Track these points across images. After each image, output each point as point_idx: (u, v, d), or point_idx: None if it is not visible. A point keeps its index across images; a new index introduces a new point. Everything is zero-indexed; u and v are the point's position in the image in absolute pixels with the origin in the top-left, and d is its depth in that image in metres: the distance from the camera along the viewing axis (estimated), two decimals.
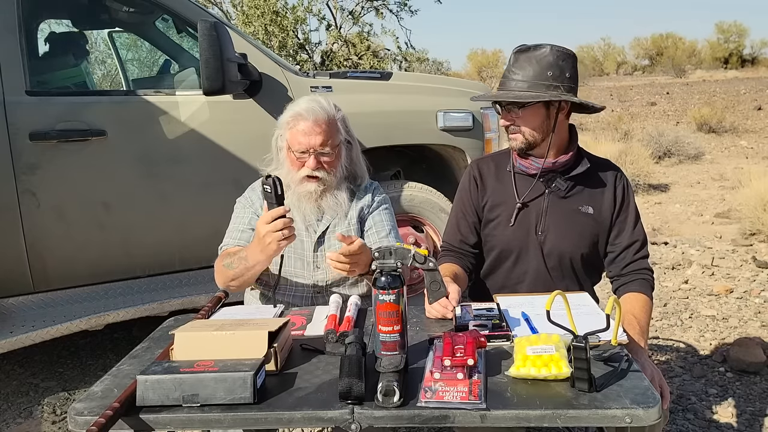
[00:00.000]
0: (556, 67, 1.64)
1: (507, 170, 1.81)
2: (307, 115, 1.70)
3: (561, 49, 1.67)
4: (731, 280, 3.90)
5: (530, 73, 1.65)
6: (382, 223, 1.86)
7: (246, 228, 1.81)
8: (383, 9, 12.51)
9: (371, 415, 1.07)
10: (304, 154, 1.72)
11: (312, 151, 1.71)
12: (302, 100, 1.78)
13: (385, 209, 1.89)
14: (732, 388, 2.56)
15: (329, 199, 1.78)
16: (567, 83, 1.66)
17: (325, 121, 1.71)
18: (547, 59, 1.64)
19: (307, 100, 1.77)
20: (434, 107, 3.14)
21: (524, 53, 1.68)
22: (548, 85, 1.63)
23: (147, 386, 1.11)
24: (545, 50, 1.65)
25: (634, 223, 1.76)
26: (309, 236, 1.80)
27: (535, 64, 1.65)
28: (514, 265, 1.80)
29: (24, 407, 2.63)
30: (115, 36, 4.08)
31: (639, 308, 1.63)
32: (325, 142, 1.71)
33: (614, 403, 1.06)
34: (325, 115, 1.72)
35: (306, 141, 1.70)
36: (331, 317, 1.48)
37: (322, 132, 1.70)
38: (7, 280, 2.49)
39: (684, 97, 17.42)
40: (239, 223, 1.84)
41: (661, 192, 6.94)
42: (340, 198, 1.80)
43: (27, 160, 2.45)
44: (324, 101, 1.76)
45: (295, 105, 1.76)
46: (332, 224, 1.81)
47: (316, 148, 1.71)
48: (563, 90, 1.65)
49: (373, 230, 1.85)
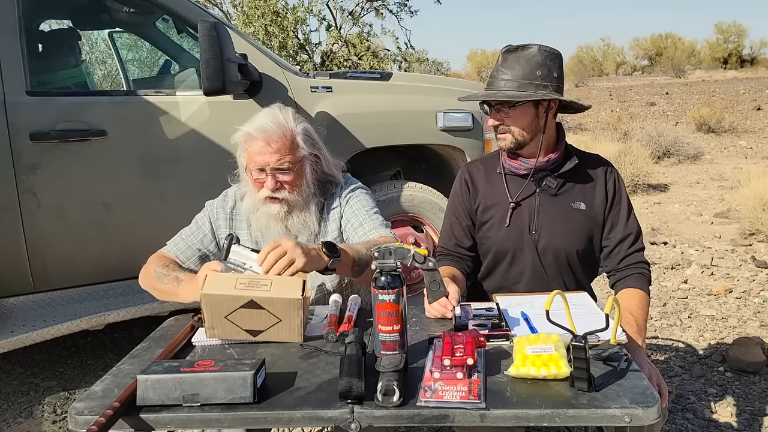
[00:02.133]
0: (545, 67, 1.65)
1: (497, 172, 1.82)
2: (257, 134, 1.62)
3: (548, 48, 1.68)
4: (730, 280, 3.90)
5: (519, 72, 1.66)
6: (354, 214, 1.75)
7: (194, 246, 1.77)
8: (383, 9, 12.53)
9: (371, 414, 1.07)
10: (261, 173, 1.64)
11: (268, 170, 1.63)
12: (258, 115, 1.69)
13: (356, 197, 1.78)
14: (731, 387, 2.57)
15: (295, 220, 1.70)
16: (555, 83, 1.67)
17: (279, 137, 1.62)
18: (535, 59, 1.65)
19: (262, 115, 1.67)
20: (434, 107, 3.15)
21: (513, 53, 1.69)
22: (537, 84, 1.65)
23: (147, 386, 1.11)
24: (533, 50, 1.66)
25: (627, 215, 1.77)
26: None
27: (524, 64, 1.66)
28: (510, 266, 1.80)
29: (24, 407, 2.63)
30: (115, 36, 4.09)
31: (636, 305, 1.64)
32: (280, 159, 1.62)
33: (613, 403, 1.06)
34: (279, 132, 1.63)
35: (261, 160, 1.62)
36: (331, 317, 1.48)
37: (276, 150, 1.61)
38: (8, 279, 2.49)
39: (683, 97, 17.42)
40: (192, 237, 1.78)
41: (660, 192, 6.95)
42: (308, 219, 1.71)
43: (27, 160, 2.45)
44: (280, 115, 1.67)
45: (249, 122, 1.67)
46: (308, 241, 1.71)
47: (272, 165, 1.62)
48: (552, 89, 1.66)
49: (348, 226, 1.76)
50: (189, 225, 1.83)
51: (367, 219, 1.76)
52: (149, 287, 1.71)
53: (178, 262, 1.76)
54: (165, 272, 1.65)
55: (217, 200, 1.83)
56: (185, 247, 1.78)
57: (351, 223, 1.76)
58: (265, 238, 1.72)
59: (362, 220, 1.76)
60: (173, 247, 1.79)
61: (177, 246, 1.79)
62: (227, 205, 1.80)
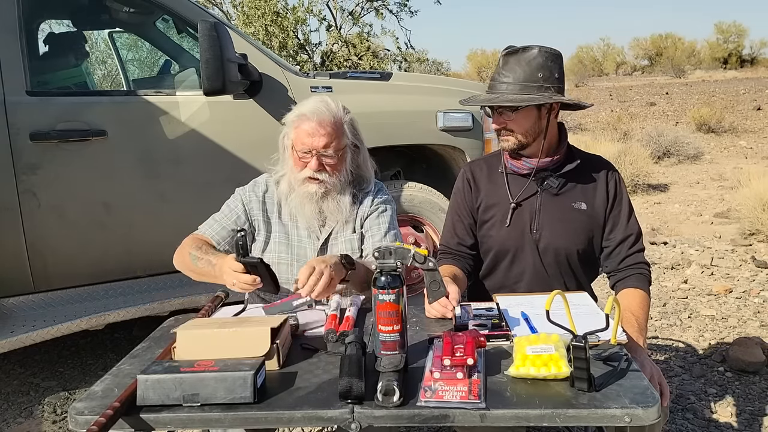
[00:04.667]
0: (546, 69, 1.65)
1: (499, 171, 1.83)
2: (311, 115, 1.69)
3: (548, 49, 1.68)
4: (730, 280, 3.90)
5: (521, 75, 1.65)
6: (378, 226, 1.83)
7: (228, 227, 1.80)
8: (383, 9, 12.52)
9: (371, 414, 1.07)
10: (307, 155, 1.70)
11: (315, 153, 1.69)
12: (310, 100, 1.76)
13: (384, 211, 1.85)
14: (731, 387, 2.57)
15: (330, 203, 1.75)
16: (556, 84, 1.67)
17: (331, 123, 1.69)
18: (536, 61, 1.65)
19: (314, 100, 1.75)
20: (434, 107, 3.15)
21: (513, 55, 1.68)
22: (539, 86, 1.64)
23: (147, 386, 1.11)
24: (534, 52, 1.66)
25: (627, 216, 1.77)
26: (311, 243, 1.80)
27: (525, 66, 1.65)
28: (511, 265, 1.80)
29: (24, 407, 2.63)
30: (115, 36, 4.08)
31: (637, 305, 1.64)
32: (328, 144, 1.69)
33: (613, 403, 1.06)
34: (331, 117, 1.70)
35: (309, 142, 1.69)
36: (331, 317, 1.48)
37: (326, 134, 1.68)
38: (8, 279, 2.49)
39: (683, 97, 17.42)
40: (225, 219, 1.82)
41: (660, 192, 6.95)
42: (342, 203, 1.77)
43: (27, 160, 2.45)
44: (332, 103, 1.74)
45: (302, 105, 1.74)
46: (335, 230, 1.81)
47: (319, 149, 1.69)
48: (553, 91, 1.66)
49: (369, 234, 1.83)
50: (224, 205, 1.86)
51: (383, 238, 1.81)
52: (184, 269, 1.75)
53: (212, 243, 1.78)
54: (199, 255, 1.68)
55: (248, 186, 1.87)
56: (219, 228, 1.81)
57: (372, 234, 1.82)
58: (295, 222, 1.80)
59: (381, 237, 1.81)
60: (207, 229, 1.81)
61: (212, 227, 1.81)
62: (258, 190, 1.84)
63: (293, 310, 1.55)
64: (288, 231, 1.81)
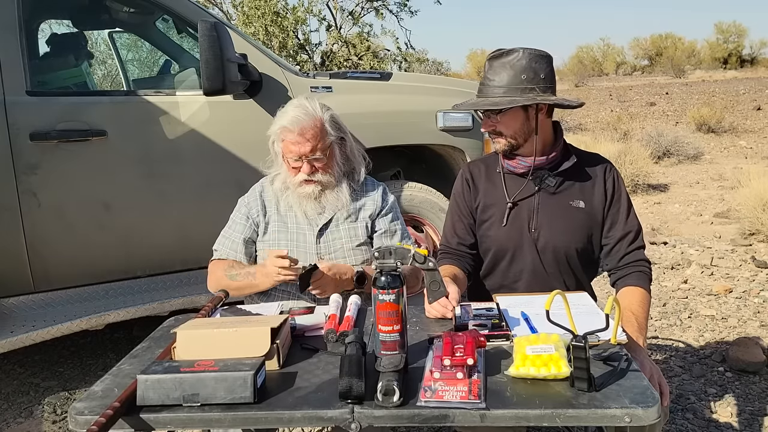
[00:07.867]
0: (530, 70, 1.66)
1: (497, 171, 1.84)
2: (292, 126, 1.76)
3: (534, 51, 1.69)
4: (730, 280, 3.90)
5: (505, 78, 1.68)
6: (394, 227, 1.93)
7: (239, 240, 1.88)
8: (383, 9, 12.52)
9: (371, 414, 1.07)
10: (298, 162, 1.79)
11: (304, 158, 1.78)
12: (288, 107, 1.82)
13: (396, 213, 1.96)
14: (731, 387, 2.57)
15: (329, 196, 1.85)
16: (542, 84, 1.68)
17: (311, 127, 1.76)
18: (520, 63, 1.67)
19: (292, 107, 1.80)
20: (434, 107, 3.15)
21: (498, 59, 1.71)
22: (523, 88, 1.66)
23: (147, 386, 1.11)
24: (518, 54, 1.68)
25: (626, 213, 1.77)
26: (311, 229, 1.87)
27: (509, 69, 1.68)
28: (510, 264, 1.81)
29: (24, 407, 2.63)
30: (115, 36, 4.08)
31: (637, 304, 1.64)
32: (314, 148, 1.77)
33: (613, 403, 1.06)
34: (311, 121, 1.77)
35: (296, 150, 1.77)
36: (331, 317, 1.48)
37: (311, 138, 1.76)
38: (8, 279, 2.49)
39: (683, 97, 17.41)
40: (234, 233, 1.90)
41: (660, 192, 6.95)
42: (341, 195, 1.86)
43: (27, 160, 2.45)
44: (309, 105, 1.81)
45: (282, 115, 1.81)
46: (335, 218, 1.88)
47: (307, 155, 1.78)
48: (539, 91, 1.67)
49: (382, 233, 1.91)
50: (229, 219, 1.95)
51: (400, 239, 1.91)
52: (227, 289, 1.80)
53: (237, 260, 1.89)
54: (236, 272, 1.81)
55: (247, 194, 1.96)
56: (232, 243, 1.90)
57: (388, 234, 1.92)
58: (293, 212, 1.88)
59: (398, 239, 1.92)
60: (224, 250, 1.90)
61: (226, 246, 1.91)
62: (255, 192, 1.94)
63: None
64: (286, 220, 1.89)
